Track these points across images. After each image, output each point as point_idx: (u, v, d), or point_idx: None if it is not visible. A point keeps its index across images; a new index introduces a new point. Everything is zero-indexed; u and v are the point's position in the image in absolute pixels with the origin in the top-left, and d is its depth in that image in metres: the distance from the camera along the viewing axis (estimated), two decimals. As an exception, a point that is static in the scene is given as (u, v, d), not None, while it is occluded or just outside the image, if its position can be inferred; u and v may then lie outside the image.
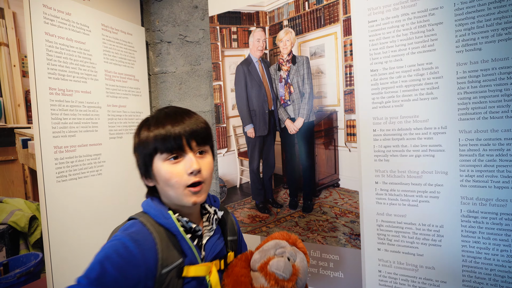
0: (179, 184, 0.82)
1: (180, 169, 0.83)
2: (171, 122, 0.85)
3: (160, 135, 0.83)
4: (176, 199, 0.85)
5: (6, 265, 1.18)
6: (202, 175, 0.85)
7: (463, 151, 1.13)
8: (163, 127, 0.84)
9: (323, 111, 1.40)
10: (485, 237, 1.12)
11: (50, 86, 1.32)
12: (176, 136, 0.83)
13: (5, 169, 1.20)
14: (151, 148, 0.84)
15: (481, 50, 1.08)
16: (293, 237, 0.95)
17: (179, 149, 0.83)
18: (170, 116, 0.86)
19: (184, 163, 0.84)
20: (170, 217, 0.84)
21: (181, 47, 1.86)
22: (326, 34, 1.37)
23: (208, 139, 0.89)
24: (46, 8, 1.31)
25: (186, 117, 0.87)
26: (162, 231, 0.83)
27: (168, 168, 0.83)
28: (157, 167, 0.84)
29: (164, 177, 0.83)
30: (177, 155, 0.84)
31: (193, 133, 0.84)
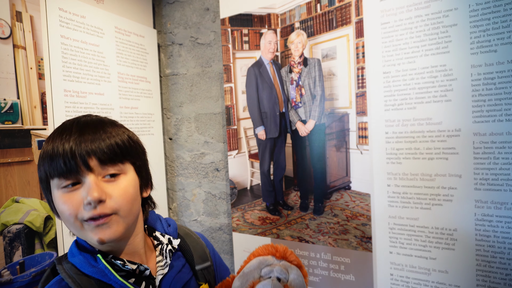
0: (73, 217, 0.62)
1: (76, 198, 0.62)
2: (61, 135, 0.64)
3: (47, 154, 0.63)
4: (81, 236, 0.66)
5: (22, 264, 1.20)
6: (109, 205, 0.63)
7: (477, 154, 1.12)
8: (52, 142, 0.63)
9: (335, 113, 1.40)
10: (500, 241, 1.10)
11: (65, 88, 1.35)
12: (65, 153, 0.61)
13: (21, 170, 1.22)
14: (42, 172, 0.65)
15: (496, 52, 1.07)
16: (280, 249, 0.75)
17: (72, 172, 0.61)
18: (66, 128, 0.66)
19: (82, 189, 0.62)
20: (100, 263, 0.65)
21: (192, 49, 1.87)
22: (338, 36, 1.37)
23: (120, 156, 0.67)
24: (62, 12, 1.34)
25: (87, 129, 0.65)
26: (92, 283, 0.64)
27: (61, 198, 0.62)
28: (54, 197, 0.65)
29: (59, 209, 0.64)
30: (74, 180, 0.63)
31: (92, 149, 0.63)
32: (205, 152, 1.87)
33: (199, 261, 0.82)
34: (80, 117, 0.70)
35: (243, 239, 1.67)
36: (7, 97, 1.18)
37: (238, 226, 1.69)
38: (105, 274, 0.65)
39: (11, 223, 1.18)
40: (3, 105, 1.17)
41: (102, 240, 0.63)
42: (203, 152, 1.87)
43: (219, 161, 1.82)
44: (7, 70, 1.18)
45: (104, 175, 0.65)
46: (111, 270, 0.65)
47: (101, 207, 0.62)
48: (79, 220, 0.62)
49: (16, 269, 1.18)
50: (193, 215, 1.94)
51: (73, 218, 0.62)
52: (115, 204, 0.64)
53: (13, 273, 1.17)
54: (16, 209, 1.20)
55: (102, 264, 0.65)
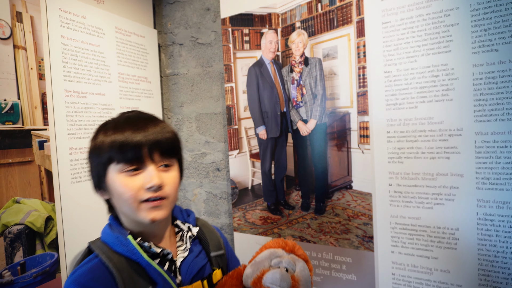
0: (134, 199, 0.72)
1: (137, 183, 0.72)
2: (131, 128, 0.73)
3: (117, 142, 0.71)
4: (131, 215, 0.75)
5: (23, 264, 1.20)
6: (165, 191, 0.74)
7: (479, 153, 1.12)
8: (121, 133, 0.72)
9: (336, 112, 1.40)
10: (502, 241, 1.10)
11: (65, 88, 1.34)
12: (136, 144, 0.72)
13: (22, 170, 1.22)
14: (105, 157, 0.73)
15: (498, 51, 1.07)
16: (290, 243, 0.83)
17: (138, 160, 0.72)
18: (132, 121, 0.76)
19: (143, 176, 0.73)
20: (129, 244, 0.74)
21: (193, 49, 1.87)
22: (339, 35, 1.36)
23: (175, 151, 0.79)
24: (62, 12, 1.33)
25: (151, 124, 0.76)
26: (123, 261, 0.73)
27: (123, 180, 0.72)
28: (111, 179, 0.74)
29: (119, 190, 0.72)
30: (137, 167, 0.73)
31: (157, 143, 0.74)
32: (206, 152, 1.87)
33: (214, 248, 0.90)
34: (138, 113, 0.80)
35: (245, 239, 1.67)
36: (8, 98, 1.18)
37: (239, 226, 1.69)
38: (133, 253, 0.74)
39: (12, 224, 1.17)
40: (3, 106, 1.16)
41: (154, 219, 0.73)
42: (204, 152, 1.87)
43: (220, 161, 1.82)
44: (7, 71, 1.18)
45: (160, 165, 0.76)
46: (139, 250, 0.74)
47: (159, 192, 0.73)
48: (138, 201, 0.72)
49: (17, 269, 1.18)
50: (194, 215, 1.93)
51: (132, 199, 0.72)
52: (168, 191, 0.75)
53: (14, 273, 1.17)
54: (17, 209, 1.19)
55: (131, 245, 0.74)
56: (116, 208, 0.79)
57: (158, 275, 0.74)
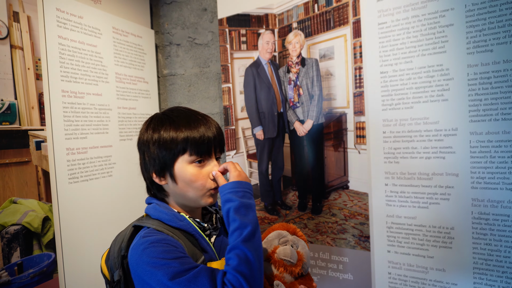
0: (204, 187, 0.84)
1: (204, 173, 0.85)
2: (203, 125, 0.85)
3: (194, 138, 0.83)
4: (195, 199, 0.86)
5: (20, 265, 1.19)
6: None
7: (474, 153, 1.13)
8: (196, 130, 0.84)
9: (333, 113, 1.40)
10: (496, 239, 1.11)
11: (62, 88, 1.34)
12: (209, 140, 0.84)
13: (19, 171, 1.22)
14: (178, 148, 0.83)
15: (492, 52, 1.08)
16: (291, 226, 0.99)
17: (208, 153, 0.85)
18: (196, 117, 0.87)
19: (208, 167, 0.85)
20: (185, 219, 0.85)
21: (190, 49, 1.87)
22: (335, 36, 1.37)
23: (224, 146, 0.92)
24: (59, 12, 1.33)
25: (210, 121, 0.88)
26: (178, 233, 0.83)
27: (194, 170, 0.84)
28: (180, 168, 0.84)
29: (190, 179, 0.84)
30: (204, 159, 0.85)
31: (221, 139, 0.87)
32: (203, 152, 1.87)
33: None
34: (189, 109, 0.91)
35: (242, 239, 1.67)
36: (5, 98, 1.18)
37: (237, 226, 1.69)
38: (190, 226, 0.85)
39: (9, 224, 1.17)
40: (0, 106, 1.16)
41: (212, 202, 0.88)
42: (201, 152, 1.87)
43: (217, 161, 1.82)
44: (4, 71, 1.17)
45: (217, 157, 0.89)
46: (195, 225, 0.86)
47: None
48: (206, 189, 0.85)
49: (14, 270, 1.17)
50: (191, 215, 1.94)
51: (202, 187, 0.84)
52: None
53: (11, 274, 1.16)
54: (14, 210, 1.19)
55: (186, 220, 0.86)
56: (173, 192, 0.88)
57: (207, 245, 0.86)
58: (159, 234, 0.79)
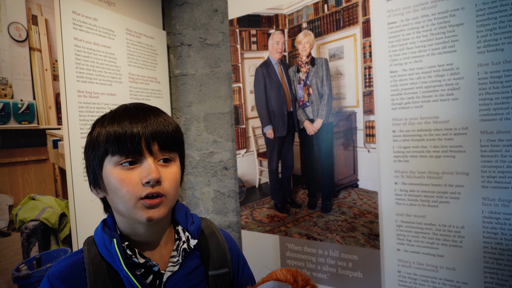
0: (131, 195, 0.66)
1: (134, 177, 0.67)
2: (129, 118, 0.69)
3: (114, 133, 0.67)
4: (127, 214, 0.68)
5: (38, 259, 1.24)
6: (163, 187, 0.68)
7: (484, 152, 1.13)
8: (118, 124, 0.68)
9: (342, 112, 1.42)
10: (508, 238, 1.11)
11: (78, 89, 1.38)
12: (133, 135, 0.67)
13: (37, 168, 1.26)
14: (101, 149, 0.68)
15: (503, 51, 1.08)
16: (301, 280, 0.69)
17: (136, 152, 0.67)
18: (131, 112, 0.71)
19: (140, 170, 0.67)
20: (113, 248, 0.68)
21: (201, 49, 1.90)
22: (345, 36, 1.38)
23: (176, 144, 0.73)
24: (75, 15, 1.37)
25: (151, 115, 0.71)
26: (103, 266, 0.69)
27: (119, 174, 0.67)
28: (106, 173, 0.68)
29: (114, 185, 0.67)
30: (133, 160, 0.68)
31: (156, 134, 0.69)
32: (214, 151, 1.90)
33: (214, 266, 0.79)
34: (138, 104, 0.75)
35: (252, 237, 1.70)
36: (24, 98, 1.22)
37: (247, 224, 1.72)
38: (113, 260, 0.68)
39: (28, 220, 1.22)
40: (20, 106, 1.21)
41: (151, 218, 0.67)
42: (212, 151, 1.90)
43: (227, 160, 1.85)
44: (23, 72, 1.22)
45: (159, 159, 0.70)
46: (120, 259, 0.67)
47: (157, 187, 0.67)
48: (136, 198, 0.66)
49: (33, 264, 1.22)
50: (202, 213, 1.97)
51: (129, 195, 0.66)
52: (167, 187, 0.69)
53: (30, 268, 1.21)
54: (32, 206, 1.24)
55: (114, 250, 0.68)
56: (112, 207, 0.73)
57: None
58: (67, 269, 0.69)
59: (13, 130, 1.19)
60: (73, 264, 0.70)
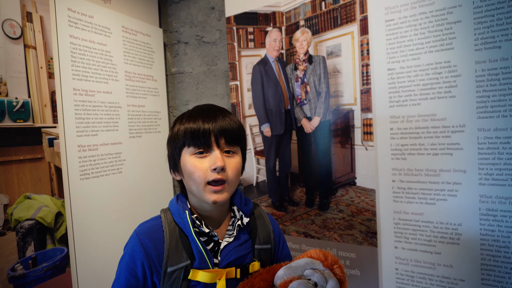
0: (201, 179, 0.82)
1: (204, 164, 0.83)
2: (203, 117, 0.85)
3: (190, 129, 0.84)
4: (198, 194, 0.85)
5: (34, 259, 1.23)
6: (227, 174, 0.84)
7: (481, 149, 1.13)
8: (194, 122, 0.85)
9: (340, 110, 1.41)
10: (504, 235, 1.11)
11: (74, 87, 1.37)
12: (205, 131, 0.83)
13: (33, 167, 1.25)
14: (180, 142, 0.86)
15: (500, 48, 1.08)
16: (330, 259, 0.79)
17: (206, 144, 0.83)
18: (204, 112, 0.88)
19: (209, 159, 0.83)
20: (185, 217, 0.85)
21: (198, 47, 1.89)
22: (342, 33, 1.38)
23: (238, 139, 0.88)
24: (70, 12, 1.36)
25: (220, 115, 0.87)
26: (176, 230, 0.86)
27: (193, 161, 0.84)
28: (183, 160, 0.86)
29: (189, 170, 0.84)
30: (204, 151, 0.84)
31: (223, 130, 0.84)
32: (211, 150, 1.89)
33: (260, 241, 0.95)
34: (210, 105, 0.92)
35: (249, 235, 1.69)
36: (19, 96, 1.21)
37: (244, 222, 1.71)
38: (185, 226, 0.85)
39: (24, 219, 1.20)
40: (15, 104, 1.19)
41: (216, 201, 0.83)
42: (209, 150, 1.89)
43: (225, 158, 1.84)
44: (18, 70, 1.20)
45: (225, 151, 0.86)
46: (190, 225, 0.84)
47: (221, 173, 0.83)
48: (205, 181, 0.82)
49: (28, 263, 1.21)
50: (199, 211, 1.96)
51: (200, 179, 0.82)
52: (230, 173, 0.85)
53: (26, 267, 1.20)
54: (28, 205, 1.22)
55: (186, 218, 0.85)
56: (186, 187, 0.89)
57: (198, 252, 0.83)
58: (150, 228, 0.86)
59: (8, 129, 1.17)
60: (155, 225, 0.87)
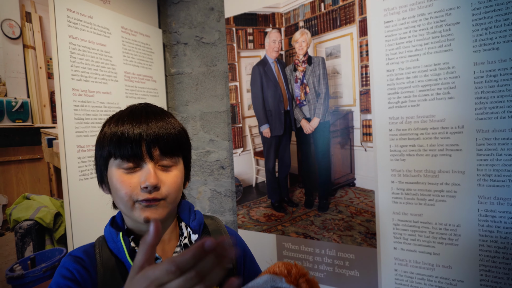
0: (128, 197, 0.68)
1: (133, 180, 0.68)
2: (132, 120, 0.70)
3: (116, 136, 0.68)
4: (127, 213, 0.71)
5: (33, 259, 1.22)
6: (161, 192, 0.69)
7: (480, 151, 1.14)
8: (122, 126, 0.69)
9: (339, 111, 1.42)
10: (503, 237, 1.11)
11: (73, 87, 1.37)
12: (134, 139, 0.67)
13: (32, 167, 1.24)
14: (105, 151, 0.70)
15: (499, 50, 1.08)
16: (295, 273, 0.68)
17: (136, 156, 0.68)
18: (135, 113, 0.72)
19: (139, 174, 0.68)
20: (118, 240, 0.71)
21: (197, 48, 1.89)
22: (342, 34, 1.38)
23: (179, 148, 0.74)
24: (70, 12, 1.36)
25: (154, 118, 0.71)
26: (111, 257, 0.72)
27: (119, 176, 0.69)
28: (110, 173, 0.71)
29: (115, 186, 0.69)
30: (134, 164, 0.69)
31: (158, 138, 0.69)
32: (210, 150, 1.89)
33: None
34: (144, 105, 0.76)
35: (249, 236, 1.69)
36: (18, 96, 1.21)
37: (244, 223, 1.71)
38: (119, 252, 0.71)
39: (23, 219, 1.20)
40: (14, 104, 1.19)
41: (148, 218, 0.68)
42: (209, 150, 1.89)
43: (224, 159, 1.84)
44: (17, 70, 1.20)
45: (160, 164, 0.71)
46: (125, 250, 0.70)
47: (155, 193, 0.68)
48: (132, 200, 0.68)
49: (27, 264, 1.21)
50: (198, 212, 1.96)
51: (127, 197, 0.68)
52: (166, 191, 0.70)
53: (25, 268, 1.19)
54: (27, 205, 1.22)
55: (119, 242, 0.71)
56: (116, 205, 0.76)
57: None
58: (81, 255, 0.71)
59: (7, 129, 1.17)
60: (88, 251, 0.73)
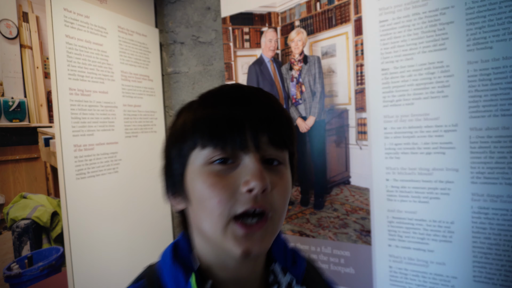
0: (223, 209, 0.44)
1: (230, 181, 0.45)
2: (227, 100, 0.48)
3: (206, 118, 0.46)
4: (214, 239, 0.46)
5: (30, 258, 1.23)
6: (271, 200, 0.46)
7: (473, 148, 1.15)
8: (213, 106, 0.47)
9: (334, 109, 1.43)
10: (496, 233, 1.13)
11: (70, 86, 1.37)
12: (233, 120, 0.46)
13: (28, 167, 1.25)
14: (188, 141, 0.48)
15: (492, 49, 1.10)
16: None
17: (237, 145, 0.45)
18: (229, 92, 0.50)
19: (240, 172, 0.45)
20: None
21: (194, 47, 1.90)
22: (337, 34, 1.39)
23: (291, 139, 0.51)
24: (66, 12, 1.36)
25: (256, 97, 0.49)
26: None
27: (209, 176, 0.45)
28: (191, 174, 0.48)
29: (200, 192, 0.46)
30: (230, 157, 0.46)
31: (266, 121, 0.47)
32: (207, 149, 1.89)
33: None
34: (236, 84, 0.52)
35: (245, 234, 1.70)
36: (15, 96, 1.21)
37: (240, 222, 1.72)
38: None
39: (20, 218, 1.21)
40: (11, 104, 1.20)
41: (249, 253, 0.44)
42: (205, 149, 1.90)
43: (221, 157, 1.85)
44: (14, 70, 1.21)
45: (268, 157, 0.48)
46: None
47: (263, 200, 0.45)
48: (227, 216, 0.44)
49: (24, 263, 1.21)
50: (195, 211, 1.96)
51: (220, 210, 0.44)
52: (277, 202, 0.46)
53: (22, 266, 1.20)
54: (24, 204, 1.23)
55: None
56: (193, 223, 0.51)
57: None
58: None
59: (3, 128, 1.18)
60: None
